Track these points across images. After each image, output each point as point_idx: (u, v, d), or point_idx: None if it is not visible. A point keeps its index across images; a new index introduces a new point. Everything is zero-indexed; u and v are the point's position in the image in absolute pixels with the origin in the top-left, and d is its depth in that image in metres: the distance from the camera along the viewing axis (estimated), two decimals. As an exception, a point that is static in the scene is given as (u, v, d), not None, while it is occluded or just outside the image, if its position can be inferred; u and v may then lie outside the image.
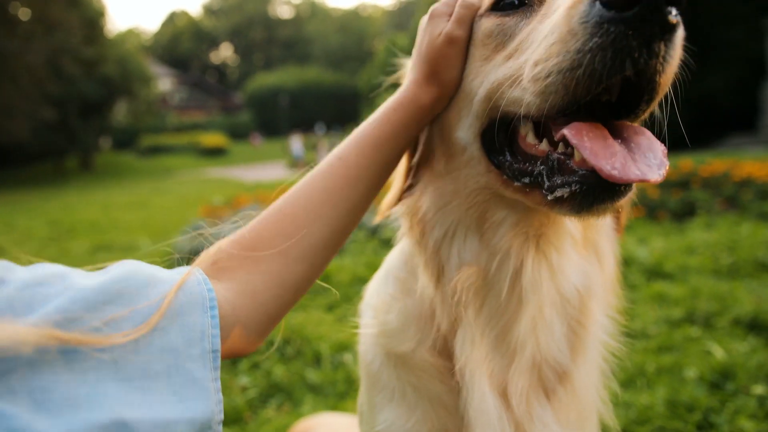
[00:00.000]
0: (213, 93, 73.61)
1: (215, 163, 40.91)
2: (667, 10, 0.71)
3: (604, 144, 0.78)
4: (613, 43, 0.72)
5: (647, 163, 0.77)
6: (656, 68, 0.75)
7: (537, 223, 1.00)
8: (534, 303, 1.01)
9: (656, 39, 0.73)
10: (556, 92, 0.78)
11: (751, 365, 2.71)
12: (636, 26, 0.72)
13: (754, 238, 5.19)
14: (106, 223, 11.66)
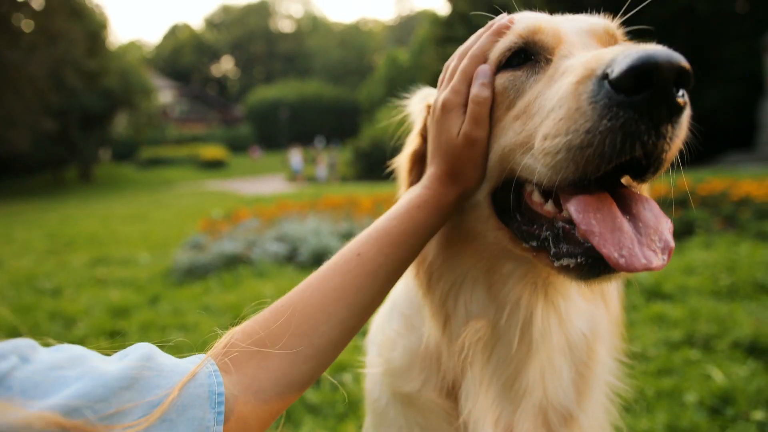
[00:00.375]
0: (213, 105, 73.88)
1: (214, 176, 40.96)
2: (675, 92, 0.72)
3: (612, 226, 0.78)
4: (623, 127, 0.73)
5: (653, 247, 0.77)
6: (664, 148, 0.76)
7: (545, 273, 1.01)
8: (543, 351, 1.03)
9: (664, 122, 0.74)
10: (567, 168, 0.79)
11: (750, 390, 2.71)
12: (645, 111, 0.72)
13: (753, 259, 5.19)
14: (105, 235, 11.64)
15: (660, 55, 0.70)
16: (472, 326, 1.03)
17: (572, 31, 0.98)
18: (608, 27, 1.02)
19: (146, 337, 4.17)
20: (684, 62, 0.71)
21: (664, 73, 0.70)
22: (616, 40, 1.02)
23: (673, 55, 0.71)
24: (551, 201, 0.91)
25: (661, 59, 0.69)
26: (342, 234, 7.51)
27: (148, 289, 6.04)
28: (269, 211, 10.37)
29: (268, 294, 5.17)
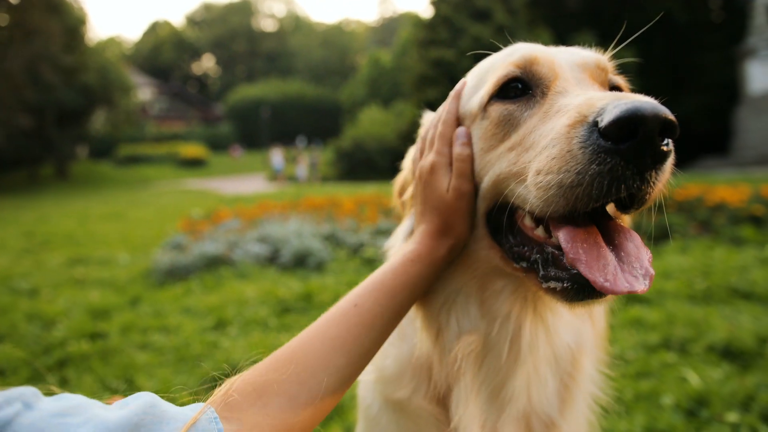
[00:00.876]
0: (194, 104, 73.16)
1: (194, 175, 40.56)
2: (660, 142, 0.78)
3: (597, 255, 0.85)
4: (610, 171, 0.79)
5: (634, 274, 0.84)
6: (647, 190, 0.82)
7: (534, 289, 1.05)
8: (530, 362, 1.08)
9: (648, 168, 0.80)
10: (558, 203, 0.85)
11: (725, 392, 2.78)
12: (630, 158, 0.78)
13: (727, 264, 5.33)
14: (82, 235, 11.46)
15: (646, 108, 0.75)
16: (465, 340, 1.07)
17: (566, 64, 1.02)
18: (599, 61, 1.07)
19: (128, 340, 4.15)
20: (669, 115, 0.76)
21: (649, 124, 0.75)
22: (607, 73, 1.07)
23: (658, 109, 0.76)
24: (542, 227, 0.96)
25: (647, 112, 0.75)
26: (324, 236, 7.52)
27: (128, 290, 5.98)
28: (250, 211, 10.32)
29: (251, 295, 5.16)
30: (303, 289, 5.18)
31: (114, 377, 3.46)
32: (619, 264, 0.85)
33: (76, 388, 3.30)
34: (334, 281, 5.50)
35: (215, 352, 3.74)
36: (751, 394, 2.73)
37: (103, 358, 3.78)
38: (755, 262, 5.37)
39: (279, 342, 3.72)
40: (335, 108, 62.12)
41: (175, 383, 3.29)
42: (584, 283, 0.85)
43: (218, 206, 13.93)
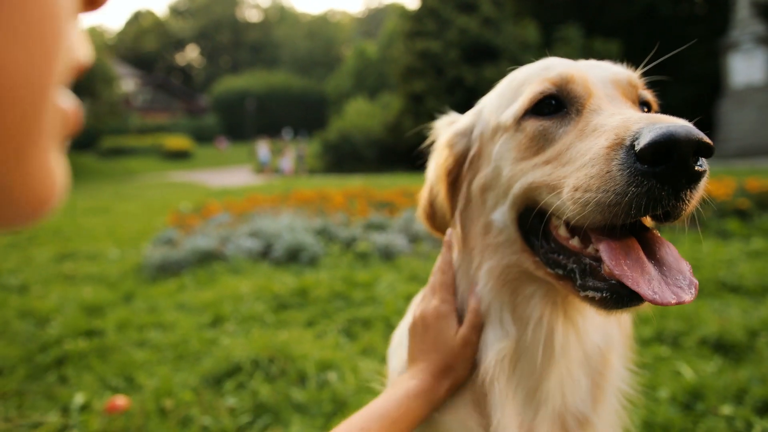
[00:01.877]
0: (178, 95, 72.35)
1: (179, 167, 40.22)
2: (694, 163, 0.82)
3: (641, 270, 0.89)
4: (647, 192, 0.84)
5: (679, 285, 0.88)
6: (682, 207, 0.87)
7: (564, 293, 1.09)
8: (563, 363, 1.12)
9: (683, 188, 0.85)
10: (595, 218, 0.89)
11: (718, 385, 2.85)
12: (665, 180, 0.83)
13: (715, 257, 5.43)
14: (69, 229, 11.34)
15: (680, 132, 0.79)
16: (497, 346, 1.12)
17: (600, 81, 1.07)
18: (630, 78, 1.11)
19: (124, 337, 4.14)
20: (703, 138, 0.81)
21: (683, 148, 0.80)
22: (638, 90, 1.12)
23: (692, 132, 0.80)
24: (577, 237, 1.01)
25: (680, 137, 0.79)
26: (316, 230, 7.52)
27: (120, 286, 5.94)
28: (240, 205, 10.28)
29: (245, 291, 5.16)
30: (298, 285, 5.19)
31: (114, 375, 3.45)
32: (662, 277, 0.89)
33: (76, 386, 3.30)
34: (328, 276, 5.52)
35: (214, 349, 3.75)
36: (744, 387, 2.80)
37: (102, 356, 3.77)
38: (742, 255, 5.48)
39: (278, 339, 3.75)
40: (321, 100, 61.85)
41: (175, 381, 3.29)
42: (623, 293, 0.89)
43: (207, 200, 13.84)
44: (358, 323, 4.25)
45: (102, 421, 2.81)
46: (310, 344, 3.73)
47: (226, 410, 2.89)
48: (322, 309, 4.61)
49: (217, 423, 2.77)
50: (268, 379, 3.28)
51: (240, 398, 3.05)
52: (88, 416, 2.90)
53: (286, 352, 3.49)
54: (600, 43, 26.41)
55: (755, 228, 6.51)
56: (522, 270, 1.12)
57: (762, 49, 22.18)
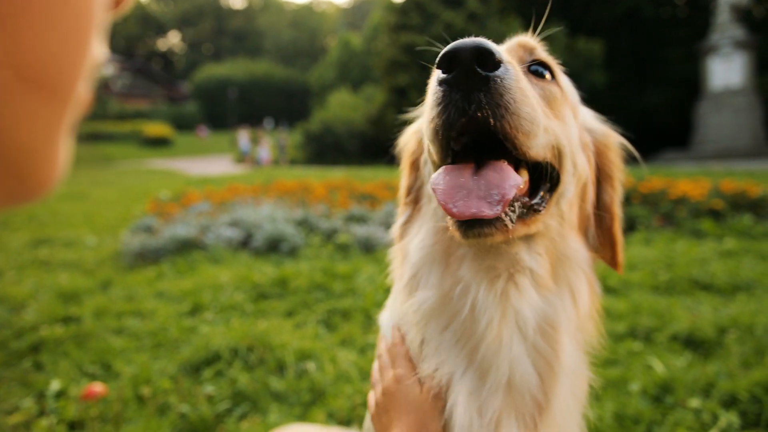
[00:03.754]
0: (158, 81, 71.29)
1: (159, 154, 39.71)
2: (478, 68, 0.90)
3: (455, 184, 0.96)
4: (445, 98, 0.94)
5: (489, 200, 0.93)
6: (486, 114, 0.93)
7: (491, 259, 1.12)
8: (492, 331, 1.12)
9: (473, 91, 0.92)
10: (434, 139, 1.00)
11: (687, 379, 2.94)
12: (456, 85, 0.93)
13: (689, 256, 5.56)
14: (44, 215, 11.16)
15: (462, 42, 0.90)
16: (425, 291, 1.17)
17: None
18: (520, 41, 1.20)
19: (102, 324, 4.11)
20: (482, 44, 0.90)
21: (462, 53, 0.89)
22: (528, 51, 1.18)
23: (474, 41, 0.90)
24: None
25: (461, 45, 0.89)
26: (297, 221, 7.52)
27: (98, 273, 5.88)
28: (220, 194, 10.21)
29: (225, 280, 5.15)
30: (278, 275, 5.19)
31: (90, 362, 3.43)
32: (475, 191, 0.94)
33: (52, 373, 3.27)
34: (308, 267, 5.53)
35: (193, 338, 3.74)
36: (712, 381, 2.89)
37: (78, 343, 3.74)
38: (714, 254, 5.61)
39: (257, 328, 3.75)
40: (304, 90, 61.45)
41: (153, 368, 3.29)
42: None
43: (186, 188, 13.72)
44: (337, 314, 4.27)
45: (78, 408, 2.80)
46: (290, 334, 3.74)
47: (204, 398, 2.90)
48: (302, 299, 4.62)
49: (195, 410, 2.77)
50: (247, 367, 3.29)
51: (218, 386, 3.05)
52: (64, 403, 2.89)
53: (266, 342, 3.50)
54: (583, 43, 26.66)
55: (728, 228, 6.67)
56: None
57: (740, 53, 22.61)
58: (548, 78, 1.17)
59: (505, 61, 0.94)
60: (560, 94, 1.17)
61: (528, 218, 1.06)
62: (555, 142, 1.09)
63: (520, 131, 0.95)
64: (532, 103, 0.98)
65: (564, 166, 1.13)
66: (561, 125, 1.13)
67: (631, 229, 7.05)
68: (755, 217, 7.06)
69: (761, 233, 6.46)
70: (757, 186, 7.94)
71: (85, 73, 0.43)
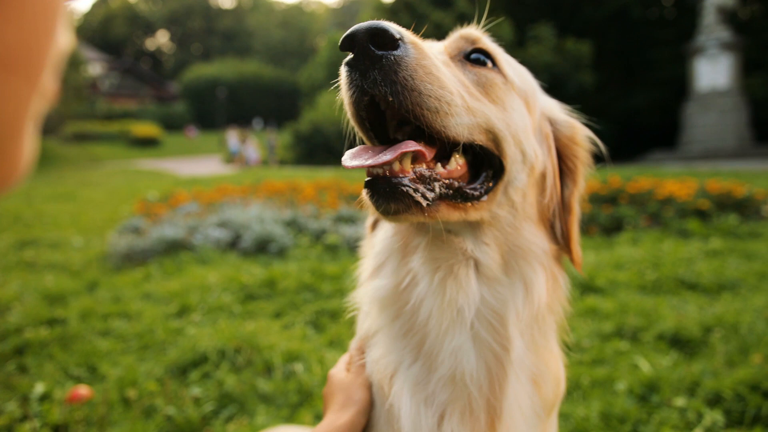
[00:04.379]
0: (147, 81, 70.82)
1: (147, 155, 39.43)
2: (373, 48, 0.94)
3: (356, 153, 1.02)
4: (348, 77, 0.99)
5: (374, 156, 0.97)
6: (383, 91, 0.95)
7: (437, 249, 1.14)
8: (433, 322, 1.13)
9: (369, 70, 0.95)
10: (354, 121, 1.07)
11: (673, 378, 2.96)
12: (353, 65, 0.97)
13: (675, 255, 5.60)
14: (30, 216, 11.05)
15: (359, 25, 0.94)
16: (375, 284, 1.20)
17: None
18: (462, 33, 1.22)
19: (88, 326, 4.07)
20: (377, 25, 0.93)
21: (358, 35, 0.93)
22: (469, 42, 1.19)
23: (369, 24, 0.93)
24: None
25: (357, 28, 0.93)
26: (286, 221, 7.49)
27: (84, 274, 5.83)
28: (209, 194, 10.16)
29: (213, 281, 5.12)
30: (266, 276, 5.17)
31: (76, 365, 3.40)
32: (367, 154, 0.99)
33: (36, 376, 3.24)
34: (297, 268, 5.51)
35: (180, 340, 3.72)
36: (697, 380, 2.91)
37: (64, 345, 3.71)
38: (700, 254, 5.66)
39: (245, 329, 3.73)
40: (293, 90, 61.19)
41: (140, 371, 3.26)
42: (366, 182, 0.98)
43: (175, 188, 13.63)
44: (325, 315, 4.26)
45: (63, 411, 2.77)
46: (277, 335, 3.73)
47: (191, 400, 2.88)
48: (290, 300, 4.61)
49: (182, 413, 2.75)
50: (234, 369, 3.27)
51: (205, 388, 3.03)
52: (48, 406, 2.85)
53: (253, 343, 3.49)
54: (572, 43, 26.77)
55: (714, 228, 6.73)
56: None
57: (726, 54, 22.82)
58: (489, 66, 1.17)
59: (407, 40, 0.97)
60: (502, 81, 1.17)
61: (462, 203, 1.06)
62: (487, 126, 1.08)
63: (425, 108, 0.96)
64: (440, 81, 0.99)
65: (505, 152, 1.12)
66: (499, 111, 1.13)
67: (619, 228, 7.10)
68: (740, 217, 7.13)
69: (746, 233, 6.52)
70: (742, 186, 8.03)
71: (52, 61, 0.45)
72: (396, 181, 0.95)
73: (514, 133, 1.14)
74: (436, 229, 1.13)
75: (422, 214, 0.98)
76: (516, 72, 1.24)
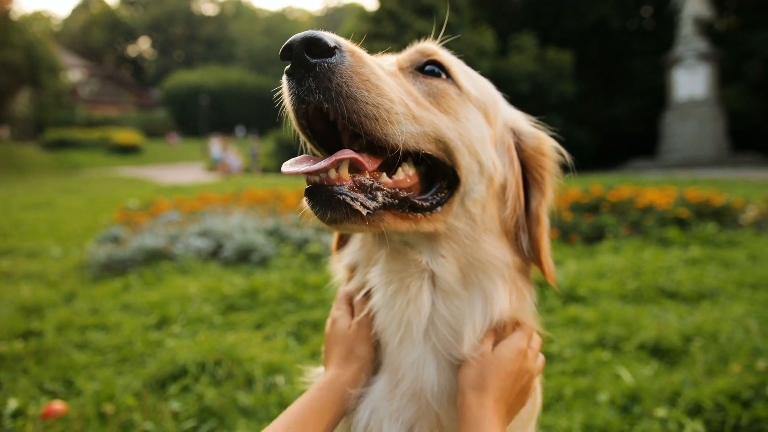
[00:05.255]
0: (128, 88, 70.20)
1: (128, 162, 39.03)
2: (308, 56, 0.95)
3: (297, 160, 1.03)
4: (288, 87, 1.01)
5: (311, 163, 0.98)
6: (318, 98, 0.96)
7: (394, 262, 1.16)
8: (390, 334, 1.16)
9: (305, 77, 0.96)
10: (298, 128, 1.09)
11: (654, 389, 2.97)
12: (291, 73, 0.99)
13: (656, 264, 5.65)
14: (6, 224, 10.84)
15: (297, 35, 0.95)
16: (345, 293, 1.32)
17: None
18: (418, 48, 1.23)
19: (64, 339, 3.99)
20: (312, 34, 0.95)
21: (295, 44, 0.95)
22: (424, 55, 1.21)
23: (305, 34, 0.95)
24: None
25: (293, 39, 0.95)
26: (268, 230, 7.43)
27: (61, 285, 5.72)
28: (190, 203, 10.05)
29: (194, 291, 5.06)
30: (248, 286, 5.12)
31: (51, 379, 3.32)
32: (307, 161, 1.00)
33: (9, 391, 3.15)
34: (279, 277, 5.46)
35: (159, 352, 3.65)
36: (678, 390, 2.93)
37: (39, 359, 3.62)
38: (680, 263, 5.72)
39: (226, 341, 3.68)
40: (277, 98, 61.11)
41: (117, 385, 3.20)
42: (306, 191, 0.98)
43: (156, 196, 13.48)
44: (308, 326, 4.22)
45: (37, 427, 2.70)
46: (259, 347, 3.68)
47: (170, 415, 2.82)
48: (272, 311, 4.56)
49: (160, 428, 2.70)
50: (214, 382, 3.22)
51: (184, 402, 2.98)
52: (22, 422, 2.78)
53: (234, 355, 3.44)
54: (553, 53, 27.09)
55: (693, 237, 6.82)
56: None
57: (704, 64, 23.25)
58: (443, 77, 1.17)
59: (344, 49, 0.98)
60: (455, 91, 1.16)
61: (411, 214, 1.05)
62: (436, 136, 1.07)
63: (362, 115, 0.96)
64: (378, 89, 0.99)
65: (459, 162, 1.11)
66: (451, 120, 1.12)
67: (600, 237, 7.16)
68: (719, 225, 7.23)
69: (724, 241, 6.62)
70: (720, 195, 8.15)
71: None
72: (334, 189, 0.95)
73: (468, 144, 1.13)
74: (394, 240, 1.13)
75: (363, 223, 0.98)
76: (474, 83, 1.23)
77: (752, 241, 6.61)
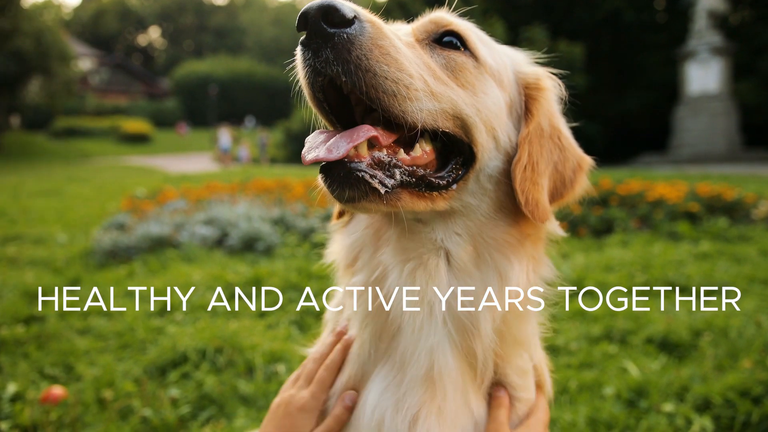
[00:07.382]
0: (138, 77, 70.35)
1: (137, 151, 39.16)
2: (326, 25, 0.90)
3: (316, 141, 0.97)
4: (302, 58, 0.95)
5: (332, 148, 0.92)
6: (336, 70, 0.91)
7: (407, 240, 1.09)
8: (405, 319, 1.09)
9: (322, 48, 0.91)
10: (312, 102, 1.03)
11: (662, 383, 2.91)
12: (306, 44, 0.93)
13: (665, 257, 5.57)
14: (15, 211, 10.88)
15: (312, 3, 0.90)
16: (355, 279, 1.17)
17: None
18: (431, 18, 1.18)
19: (66, 324, 3.98)
20: (328, 3, 0.89)
21: (311, 13, 0.89)
22: (438, 26, 1.15)
23: (319, 2, 0.89)
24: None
25: (308, 7, 0.90)
26: (274, 219, 7.40)
27: (66, 271, 5.72)
28: (197, 192, 10.05)
29: (197, 279, 5.03)
30: (252, 274, 5.09)
31: (52, 364, 3.30)
32: (326, 143, 0.94)
33: (9, 375, 3.14)
34: (283, 266, 5.43)
35: (161, 339, 3.63)
36: (686, 385, 2.87)
37: (40, 344, 3.61)
38: (690, 257, 5.64)
39: (227, 329, 3.65)
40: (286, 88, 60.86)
41: (117, 371, 3.17)
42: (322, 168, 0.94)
43: (163, 185, 13.50)
44: (311, 315, 4.18)
45: (35, 412, 2.68)
46: (261, 335, 3.65)
47: (169, 401, 2.79)
48: (275, 300, 4.52)
49: (158, 414, 2.67)
50: (215, 369, 3.19)
51: (184, 389, 2.95)
52: (20, 406, 2.76)
53: (235, 343, 3.40)
54: (564, 45, 26.83)
55: (704, 231, 6.72)
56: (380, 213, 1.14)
57: (717, 59, 22.95)
58: (461, 49, 1.12)
59: (363, 19, 0.92)
60: (473, 64, 1.11)
61: (427, 192, 1.01)
62: (454, 112, 1.03)
63: (380, 90, 0.92)
64: (398, 63, 0.94)
65: (476, 139, 1.06)
66: (468, 96, 1.07)
67: (609, 231, 7.07)
68: (730, 220, 7.13)
69: (736, 236, 6.51)
70: (732, 190, 8.03)
71: None
72: (352, 166, 0.90)
73: (486, 120, 1.08)
74: (406, 219, 1.08)
75: (381, 202, 0.93)
76: (490, 50, 1.18)
77: (764, 236, 6.50)
